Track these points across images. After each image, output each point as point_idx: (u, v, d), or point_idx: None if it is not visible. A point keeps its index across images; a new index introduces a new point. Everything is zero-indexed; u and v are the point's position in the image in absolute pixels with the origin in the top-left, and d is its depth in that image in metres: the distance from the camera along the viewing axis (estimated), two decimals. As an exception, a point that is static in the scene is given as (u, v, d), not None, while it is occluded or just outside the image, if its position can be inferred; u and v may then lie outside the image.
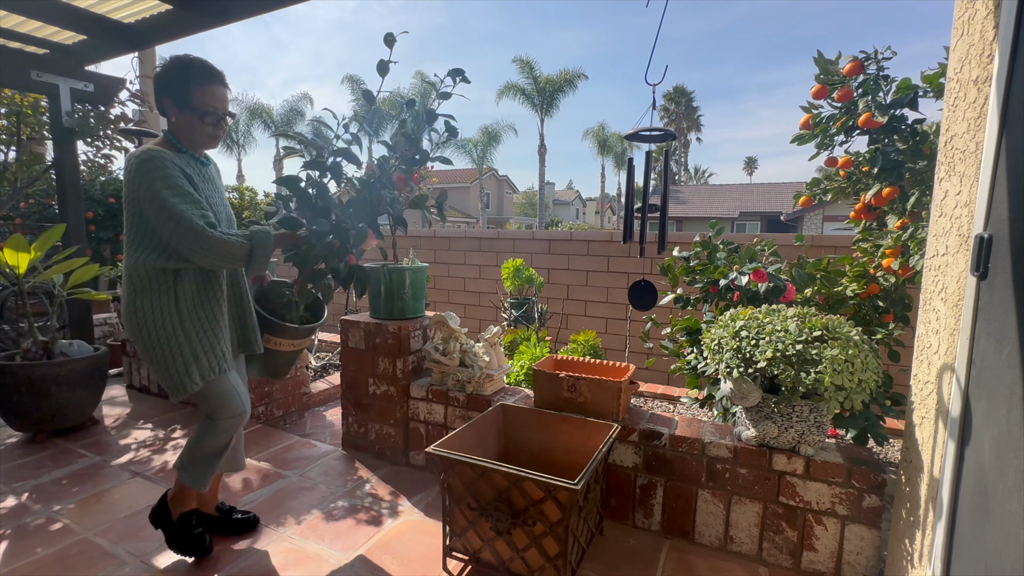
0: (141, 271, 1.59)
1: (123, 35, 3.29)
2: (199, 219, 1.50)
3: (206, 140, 1.66)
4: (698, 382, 2.34)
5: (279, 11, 3.01)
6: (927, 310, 1.45)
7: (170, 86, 1.58)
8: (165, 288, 1.59)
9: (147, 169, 1.51)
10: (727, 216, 24.53)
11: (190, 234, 1.47)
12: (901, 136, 2.14)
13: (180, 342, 1.58)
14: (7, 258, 2.59)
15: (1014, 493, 1.03)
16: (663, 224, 2.03)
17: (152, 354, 1.60)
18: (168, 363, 1.59)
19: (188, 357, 1.59)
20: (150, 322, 1.57)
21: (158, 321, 1.57)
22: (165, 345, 1.58)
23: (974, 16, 1.29)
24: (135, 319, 1.59)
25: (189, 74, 1.58)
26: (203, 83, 1.60)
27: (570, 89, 24.51)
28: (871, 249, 2.28)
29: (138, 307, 1.58)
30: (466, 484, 1.66)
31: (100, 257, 5.08)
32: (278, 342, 1.87)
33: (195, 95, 1.59)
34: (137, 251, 1.58)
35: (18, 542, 1.86)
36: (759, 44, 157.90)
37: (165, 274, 1.59)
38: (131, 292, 1.60)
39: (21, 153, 4.19)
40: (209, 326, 1.64)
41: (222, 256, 1.52)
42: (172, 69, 1.58)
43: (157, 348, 1.58)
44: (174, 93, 1.58)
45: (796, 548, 1.77)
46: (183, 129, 1.62)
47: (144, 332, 1.58)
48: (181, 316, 1.59)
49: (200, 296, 1.64)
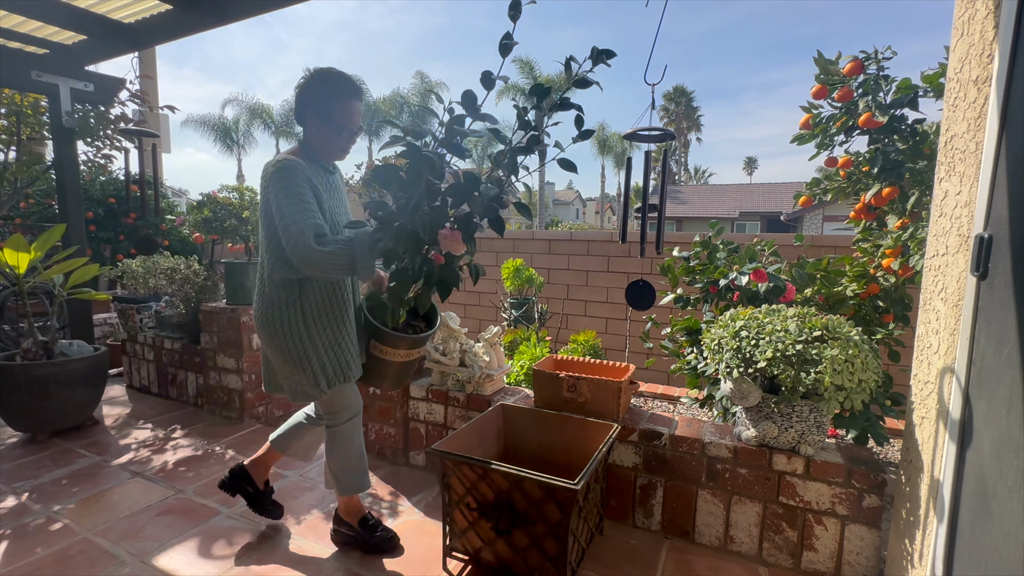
0: (269, 282, 1.64)
1: (123, 35, 3.29)
2: (310, 230, 1.48)
3: (338, 153, 1.70)
4: (698, 382, 2.33)
5: (279, 11, 3.00)
6: (927, 310, 1.45)
7: (314, 99, 1.59)
8: (292, 300, 1.63)
9: (278, 178, 1.53)
10: (727, 216, 24.52)
11: (298, 247, 1.48)
12: (901, 136, 2.14)
13: (308, 353, 1.63)
14: (7, 258, 2.58)
15: (1014, 493, 1.03)
16: (660, 224, 2.04)
17: (281, 360, 1.66)
18: (296, 372, 1.64)
19: (316, 368, 1.63)
20: (279, 332, 1.63)
21: (287, 331, 1.63)
22: (293, 355, 1.63)
23: (974, 16, 1.29)
24: (266, 328, 1.65)
25: (334, 89, 1.60)
26: (346, 99, 1.62)
27: (570, 89, 24.45)
28: (871, 249, 2.28)
29: (268, 316, 1.64)
30: (466, 484, 1.66)
31: (100, 257, 5.08)
32: (384, 350, 1.72)
33: (337, 110, 1.61)
34: (268, 261, 1.62)
35: (18, 542, 1.86)
36: (759, 44, 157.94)
37: (291, 285, 1.63)
38: (261, 300, 1.67)
39: (21, 153, 4.19)
40: (335, 337, 1.68)
41: (328, 268, 1.49)
42: (318, 83, 1.60)
43: (286, 356, 1.64)
44: (317, 106, 1.60)
45: (796, 548, 1.77)
46: (319, 141, 1.64)
47: (274, 340, 1.64)
48: (308, 328, 1.64)
49: (325, 307, 1.66)
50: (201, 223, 3.22)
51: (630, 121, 7.49)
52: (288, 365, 1.65)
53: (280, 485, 2.29)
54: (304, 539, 1.91)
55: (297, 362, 1.63)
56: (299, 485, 2.31)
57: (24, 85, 3.40)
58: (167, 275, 3.49)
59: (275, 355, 1.68)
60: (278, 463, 2.51)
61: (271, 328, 1.64)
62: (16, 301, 3.56)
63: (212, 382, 3.12)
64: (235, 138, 28.19)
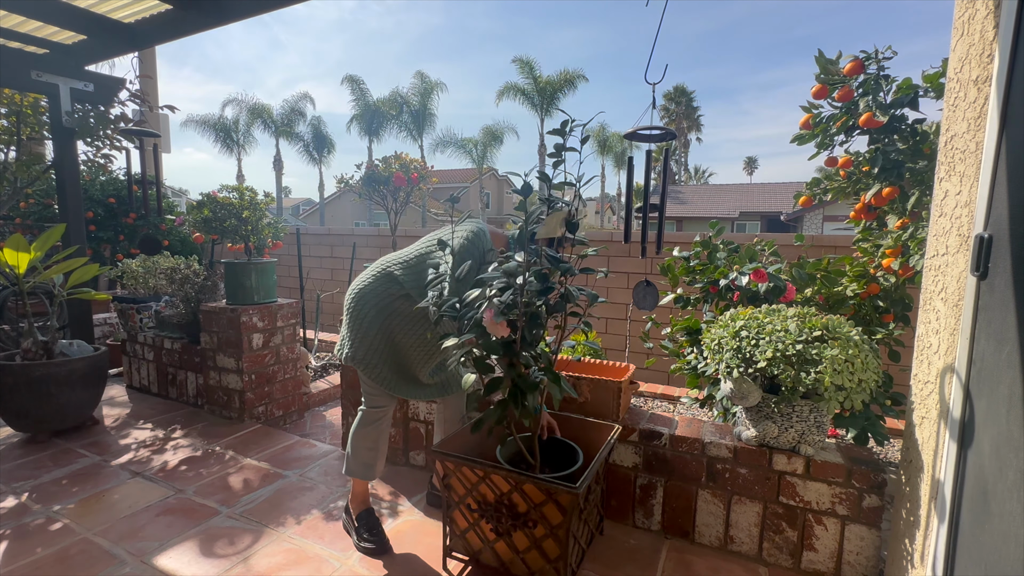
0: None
1: (123, 35, 3.29)
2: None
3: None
4: (698, 382, 2.33)
5: (278, 11, 3.01)
6: (927, 310, 1.45)
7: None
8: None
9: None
10: (727, 216, 24.51)
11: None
12: (901, 136, 2.14)
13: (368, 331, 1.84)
14: (7, 258, 2.58)
15: (1014, 493, 1.03)
16: (661, 224, 2.03)
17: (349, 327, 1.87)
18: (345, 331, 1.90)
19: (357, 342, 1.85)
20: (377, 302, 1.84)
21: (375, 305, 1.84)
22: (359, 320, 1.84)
23: (974, 16, 1.29)
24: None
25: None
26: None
27: (570, 90, 24.51)
28: (871, 249, 2.28)
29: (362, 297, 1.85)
30: (467, 485, 1.65)
31: (100, 257, 5.07)
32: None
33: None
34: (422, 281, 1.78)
35: (18, 542, 1.86)
36: (758, 44, 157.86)
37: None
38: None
39: (21, 153, 4.19)
40: (396, 347, 1.88)
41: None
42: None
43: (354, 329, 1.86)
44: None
45: (796, 548, 1.77)
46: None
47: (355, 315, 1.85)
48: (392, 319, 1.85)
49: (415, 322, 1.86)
50: (201, 223, 3.21)
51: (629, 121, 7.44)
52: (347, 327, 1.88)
53: (280, 485, 2.29)
54: (304, 539, 1.91)
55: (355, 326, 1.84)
56: (299, 485, 2.31)
57: (24, 85, 3.40)
58: (167, 275, 3.49)
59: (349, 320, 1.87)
60: (285, 464, 2.52)
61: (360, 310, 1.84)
62: (16, 301, 3.56)
63: (212, 382, 3.12)
64: (235, 138, 28.19)
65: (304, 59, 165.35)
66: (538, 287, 1.43)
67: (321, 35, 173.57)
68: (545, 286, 1.44)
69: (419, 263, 1.82)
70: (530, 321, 1.46)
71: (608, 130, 29.48)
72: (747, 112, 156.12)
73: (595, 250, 1.57)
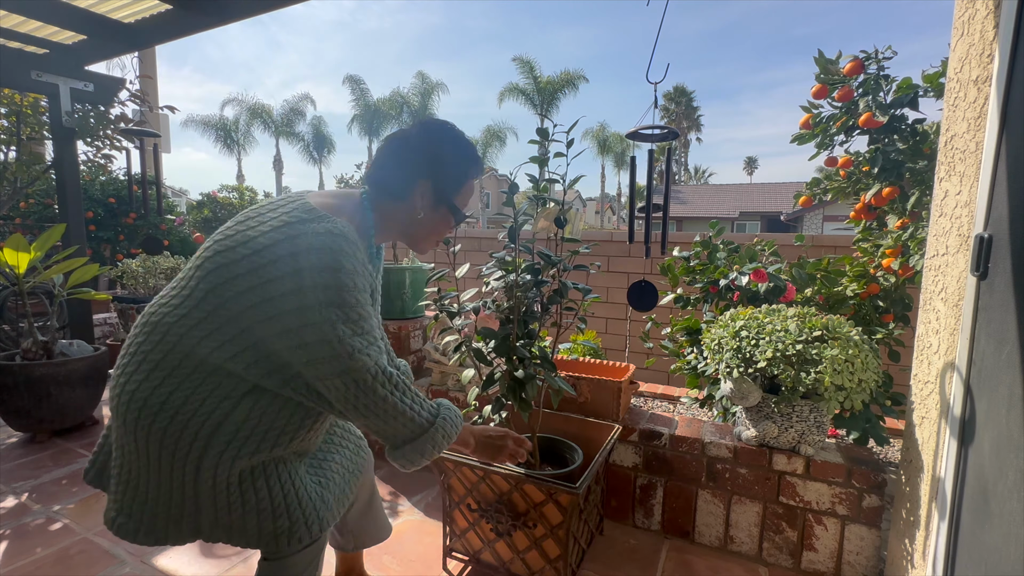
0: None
1: (123, 35, 3.28)
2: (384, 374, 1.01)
3: (427, 246, 1.24)
4: (698, 382, 2.33)
5: (277, 11, 3.02)
6: (927, 310, 1.45)
7: (441, 167, 1.13)
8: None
9: (341, 283, 0.94)
10: (727, 216, 24.53)
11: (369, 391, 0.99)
12: (901, 136, 2.14)
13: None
14: (7, 258, 2.58)
15: (1014, 493, 1.03)
16: (665, 225, 2.03)
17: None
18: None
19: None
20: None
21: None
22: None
23: (974, 16, 1.29)
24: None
25: (467, 163, 1.18)
26: (473, 178, 1.21)
27: (570, 90, 24.54)
28: (871, 249, 2.28)
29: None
30: (467, 485, 1.65)
31: (100, 257, 5.08)
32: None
33: (462, 192, 1.18)
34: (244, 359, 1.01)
35: (18, 542, 1.86)
36: (758, 44, 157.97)
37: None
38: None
39: (21, 153, 4.19)
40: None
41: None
42: (450, 146, 1.15)
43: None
44: (445, 183, 1.14)
45: (796, 548, 1.77)
46: (413, 223, 1.16)
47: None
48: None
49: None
50: (201, 223, 3.22)
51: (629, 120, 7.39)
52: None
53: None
54: (304, 539, 1.91)
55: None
56: (299, 485, 2.30)
57: (24, 85, 3.40)
58: (167, 275, 3.49)
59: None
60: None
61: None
62: (16, 301, 3.56)
63: (212, 382, 3.12)
64: (235, 138, 28.22)
65: (303, 59, 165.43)
66: (531, 281, 1.48)
67: (320, 35, 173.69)
68: (538, 280, 1.49)
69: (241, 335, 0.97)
70: (524, 315, 1.50)
71: (608, 130, 29.51)
72: (747, 112, 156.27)
73: (587, 247, 1.61)
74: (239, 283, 0.95)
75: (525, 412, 1.55)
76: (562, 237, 1.56)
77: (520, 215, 1.49)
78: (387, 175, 1.12)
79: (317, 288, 0.92)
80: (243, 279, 0.95)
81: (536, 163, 1.57)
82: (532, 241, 1.55)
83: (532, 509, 1.55)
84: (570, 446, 1.80)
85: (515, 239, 1.49)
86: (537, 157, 1.55)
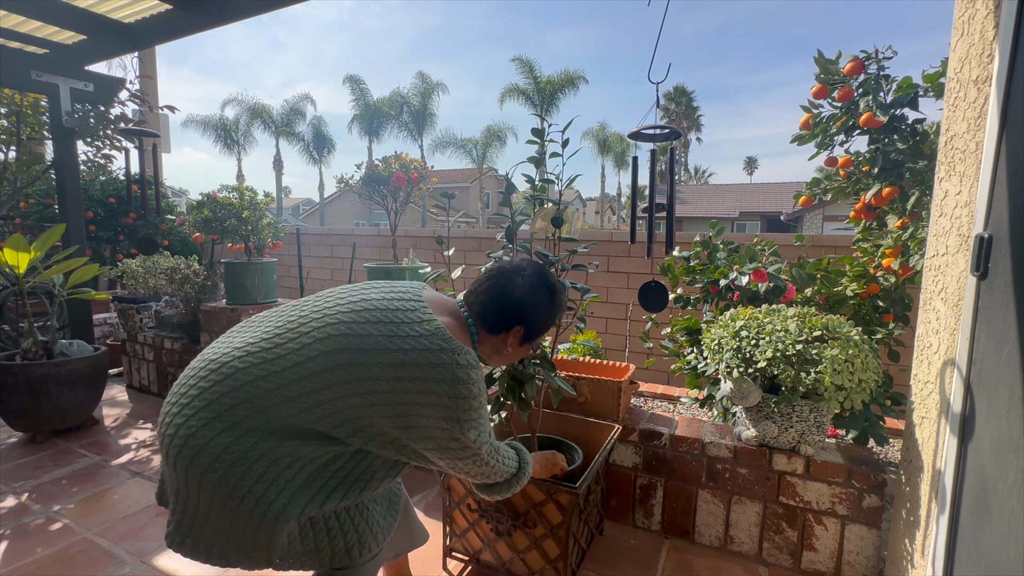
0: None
1: (123, 35, 3.29)
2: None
3: (505, 364, 1.40)
4: (698, 382, 2.33)
5: (277, 11, 3.02)
6: (927, 310, 1.45)
7: (536, 324, 1.23)
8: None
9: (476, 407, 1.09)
10: (727, 216, 24.51)
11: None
12: (901, 136, 2.14)
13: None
14: (7, 258, 2.58)
15: (1014, 493, 1.03)
16: (670, 224, 2.01)
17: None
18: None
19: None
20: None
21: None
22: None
23: (974, 16, 1.29)
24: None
25: (559, 316, 1.32)
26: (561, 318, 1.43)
27: (571, 90, 24.54)
28: (871, 249, 2.28)
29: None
30: (467, 485, 1.65)
31: (100, 257, 5.08)
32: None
33: (543, 334, 1.31)
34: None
35: (18, 542, 1.86)
36: (758, 44, 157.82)
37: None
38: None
39: (21, 153, 4.19)
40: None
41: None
42: (549, 308, 1.25)
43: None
44: (535, 331, 1.24)
45: (796, 548, 1.77)
46: (501, 354, 1.27)
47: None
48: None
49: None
50: (201, 223, 3.21)
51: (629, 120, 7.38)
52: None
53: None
54: (304, 539, 1.91)
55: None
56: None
57: (24, 85, 3.40)
58: (167, 275, 3.49)
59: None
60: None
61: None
62: (16, 301, 3.56)
63: (212, 382, 3.12)
64: (235, 138, 28.23)
65: (303, 59, 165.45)
66: None
67: (320, 35, 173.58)
68: None
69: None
70: None
71: (608, 130, 29.52)
72: (747, 112, 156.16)
73: (586, 247, 1.62)
74: (369, 385, 1.02)
75: (525, 412, 1.55)
76: (560, 237, 1.57)
77: (517, 215, 1.49)
78: (487, 313, 1.22)
79: (460, 411, 1.06)
80: (382, 385, 1.02)
81: (533, 163, 1.58)
82: (530, 241, 1.55)
83: (532, 509, 1.55)
84: (570, 446, 1.81)
85: (513, 239, 1.49)
86: (533, 157, 1.56)
